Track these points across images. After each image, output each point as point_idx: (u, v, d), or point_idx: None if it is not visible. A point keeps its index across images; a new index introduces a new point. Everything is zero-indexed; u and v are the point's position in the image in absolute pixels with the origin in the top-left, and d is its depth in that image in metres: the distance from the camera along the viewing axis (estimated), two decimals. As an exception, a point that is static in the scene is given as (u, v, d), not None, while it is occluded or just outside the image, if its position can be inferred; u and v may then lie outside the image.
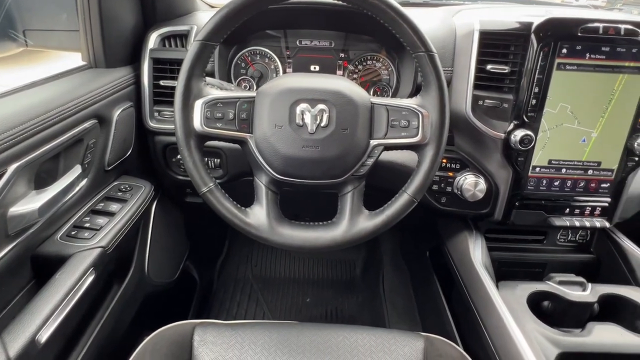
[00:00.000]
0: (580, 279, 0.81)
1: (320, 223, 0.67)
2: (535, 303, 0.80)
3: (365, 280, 1.49)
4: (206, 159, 0.94)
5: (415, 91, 0.87)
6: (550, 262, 0.94)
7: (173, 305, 1.19)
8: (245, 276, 1.54)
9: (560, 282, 0.80)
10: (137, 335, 0.93)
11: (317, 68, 0.96)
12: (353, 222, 0.65)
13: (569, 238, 0.96)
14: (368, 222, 0.65)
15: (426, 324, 1.08)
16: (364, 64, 0.95)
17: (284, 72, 0.96)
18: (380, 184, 0.74)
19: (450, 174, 0.86)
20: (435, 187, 0.87)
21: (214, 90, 0.65)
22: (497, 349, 0.68)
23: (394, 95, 0.96)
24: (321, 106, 0.61)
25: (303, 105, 0.61)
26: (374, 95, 0.96)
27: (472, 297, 0.79)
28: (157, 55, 0.88)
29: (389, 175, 0.83)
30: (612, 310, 0.79)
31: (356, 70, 0.96)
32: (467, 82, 0.79)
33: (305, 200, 1.06)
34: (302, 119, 0.61)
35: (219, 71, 0.88)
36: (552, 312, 0.79)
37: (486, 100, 0.80)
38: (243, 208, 0.65)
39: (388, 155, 0.70)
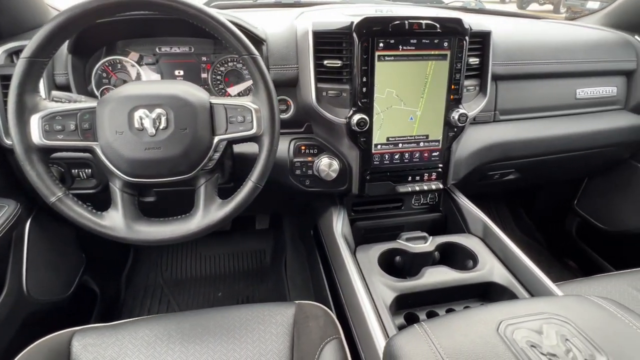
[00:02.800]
0: (423, 233, 0.97)
1: (178, 217, 0.73)
2: (389, 260, 0.95)
3: (273, 267, 1.59)
4: (76, 170, 0.95)
5: None
6: (407, 223, 1.10)
7: (69, 320, 1.18)
8: (155, 282, 1.54)
9: (407, 239, 0.95)
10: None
11: (182, 73, 1.01)
12: (206, 212, 0.72)
13: (421, 202, 1.12)
14: (219, 210, 0.73)
15: (316, 294, 1.20)
16: (226, 65, 1.02)
17: (148, 79, 0.99)
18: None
19: (310, 158, 0.97)
20: (298, 172, 0.97)
21: (52, 104, 0.67)
22: (346, 301, 0.81)
23: None
24: (159, 110, 0.67)
25: (141, 111, 0.67)
26: (238, 94, 1.03)
27: (333, 263, 0.91)
28: (4, 72, 0.87)
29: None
30: (448, 255, 0.96)
31: (219, 72, 1.02)
32: (310, 76, 0.90)
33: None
34: (142, 124, 0.67)
35: (74, 82, 0.89)
36: (402, 265, 0.95)
37: (329, 92, 0.92)
38: (98, 212, 0.70)
39: (253, 148, 0.77)
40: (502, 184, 1.34)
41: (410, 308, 0.84)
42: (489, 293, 0.86)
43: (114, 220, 0.69)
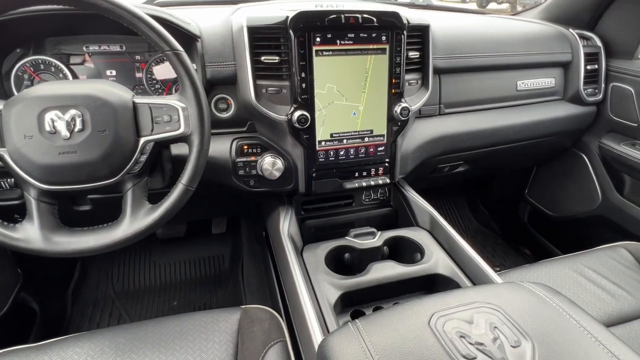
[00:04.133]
0: (372, 229, 0.96)
1: (104, 225, 0.69)
2: (338, 257, 0.93)
3: (232, 271, 1.54)
4: (-1, 180, 0.88)
5: None
6: (358, 220, 1.09)
7: (2, 341, 1.09)
8: (106, 295, 1.46)
9: (355, 235, 0.95)
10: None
11: (114, 73, 0.96)
12: (134, 218, 0.68)
13: (372, 197, 1.12)
14: (148, 216, 0.68)
15: (271, 297, 1.18)
16: (162, 64, 0.98)
17: (75, 79, 0.93)
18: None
19: (253, 158, 0.94)
20: (241, 172, 0.94)
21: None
22: (289, 302, 0.79)
23: None
24: (73, 111, 0.63)
25: (53, 113, 0.62)
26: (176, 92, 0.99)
27: (278, 264, 0.89)
28: None
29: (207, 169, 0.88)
30: (397, 249, 0.96)
31: (154, 71, 0.97)
32: (248, 73, 0.87)
33: None
34: (54, 126, 0.62)
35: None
36: (351, 261, 0.94)
37: (268, 88, 0.89)
38: (11, 224, 0.64)
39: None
40: (454, 176, 1.37)
41: (357, 305, 0.83)
42: (435, 285, 0.86)
43: (28, 232, 0.63)
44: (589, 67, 1.27)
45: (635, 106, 1.23)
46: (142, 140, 0.68)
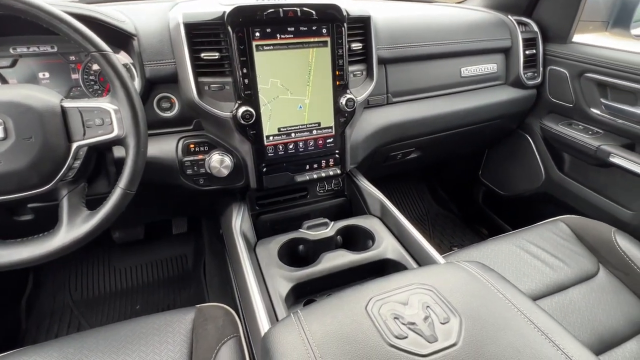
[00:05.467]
0: (324, 220, 0.98)
1: (39, 235, 0.66)
2: (292, 250, 0.95)
3: (195, 271, 1.53)
4: None
5: None
6: (312, 211, 1.11)
7: None
8: (63, 304, 1.42)
9: (309, 227, 0.96)
10: None
11: (47, 75, 0.91)
12: (71, 226, 0.66)
13: (326, 188, 1.14)
14: (86, 223, 0.67)
15: (230, 295, 1.19)
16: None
17: (5, 83, 0.88)
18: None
19: (201, 156, 0.94)
20: (189, 171, 0.93)
21: None
22: (241, 298, 0.80)
23: None
24: (-6, 120, 0.60)
25: (-30, 122, 0.59)
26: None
27: (231, 260, 0.89)
28: None
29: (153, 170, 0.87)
30: (350, 238, 0.99)
31: (92, 72, 0.94)
32: (188, 71, 0.85)
33: None
34: (-27, 137, 0.59)
35: None
36: (306, 253, 0.95)
37: (211, 85, 0.88)
38: None
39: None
40: (408, 163, 1.41)
41: (311, 295, 0.85)
42: (385, 269, 0.89)
43: (-47, 249, 0.61)
44: (527, 52, 1.33)
45: (570, 88, 1.30)
46: (75, 145, 0.66)
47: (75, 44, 0.64)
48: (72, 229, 0.66)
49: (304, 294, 0.84)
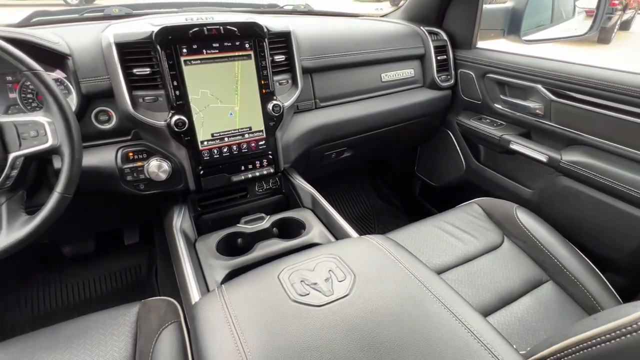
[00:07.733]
0: (261, 214, 1.08)
1: None
2: (231, 243, 1.04)
3: (149, 279, 1.57)
4: None
5: None
6: (251, 209, 1.20)
7: None
8: (13, 323, 1.41)
9: (246, 222, 1.06)
10: None
11: (-16, 95, 0.96)
12: (10, 230, 0.72)
13: (264, 187, 1.24)
14: (25, 227, 0.73)
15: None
16: (37, 82, 1.00)
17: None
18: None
19: (140, 163, 1.01)
20: (129, 177, 1.00)
21: None
22: (180, 287, 0.88)
23: None
24: None
25: None
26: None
27: (172, 258, 0.97)
28: None
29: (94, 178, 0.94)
30: (285, 229, 1.09)
31: (29, 90, 1.00)
32: (122, 86, 0.94)
33: None
34: None
35: None
36: (244, 245, 1.05)
37: (145, 98, 0.97)
38: None
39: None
40: (344, 161, 1.54)
41: None
42: (313, 253, 1.00)
43: None
44: (439, 57, 1.51)
45: (476, 87, 1.49)
46: (11, 156, 0.72)
47: (9, 65, 0.71)
48: (11, 232, 0.72)
49: (240, 280, 0.93)
